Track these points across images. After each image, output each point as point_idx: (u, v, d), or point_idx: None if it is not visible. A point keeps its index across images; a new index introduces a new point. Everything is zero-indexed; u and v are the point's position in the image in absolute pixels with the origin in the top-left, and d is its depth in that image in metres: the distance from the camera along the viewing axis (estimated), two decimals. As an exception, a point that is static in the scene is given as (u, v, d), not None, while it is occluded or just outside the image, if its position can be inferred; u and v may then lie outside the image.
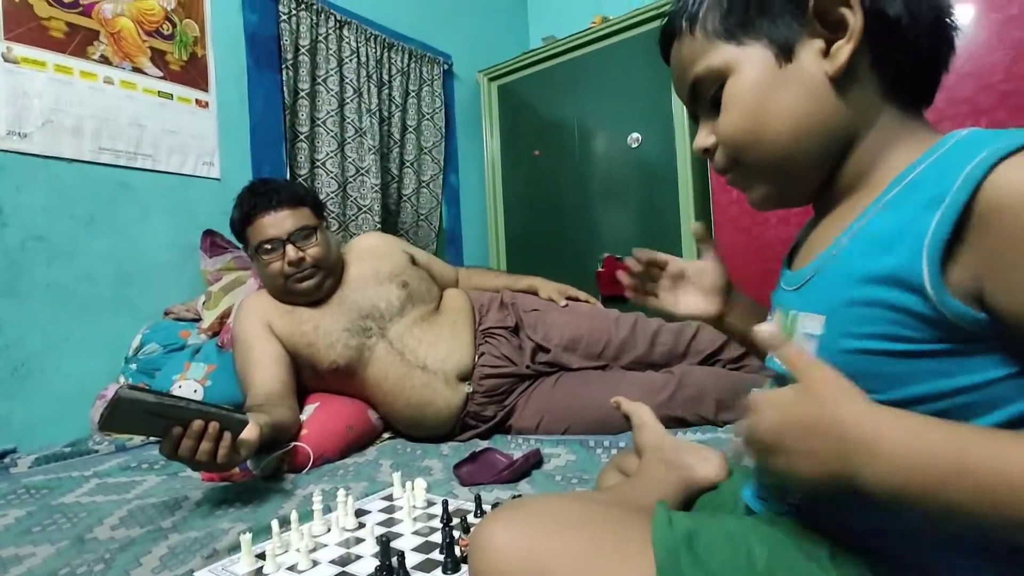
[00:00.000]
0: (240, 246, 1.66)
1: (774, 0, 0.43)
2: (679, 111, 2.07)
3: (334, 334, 1.22)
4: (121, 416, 0.74)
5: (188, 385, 1.27)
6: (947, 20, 0.43)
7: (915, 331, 0.36)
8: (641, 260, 0.67)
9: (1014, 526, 0.30)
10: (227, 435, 0.83)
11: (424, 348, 1.24)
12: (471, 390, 1.24)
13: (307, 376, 1.25)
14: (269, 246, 1.20)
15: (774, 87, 0.44)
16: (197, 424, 0.80)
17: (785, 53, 0.44)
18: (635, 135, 2.21)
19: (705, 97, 0.48)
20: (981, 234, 0.34)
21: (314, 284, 1.23)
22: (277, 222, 1.20)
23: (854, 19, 0.41)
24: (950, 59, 0.44)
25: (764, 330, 0.42)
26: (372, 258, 1.35)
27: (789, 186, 0.48)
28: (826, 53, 0.42)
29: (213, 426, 0.81)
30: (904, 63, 0.42)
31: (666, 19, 0.50)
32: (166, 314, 1.56)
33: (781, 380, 0.47)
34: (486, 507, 0.77)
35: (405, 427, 1.26)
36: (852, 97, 0.43)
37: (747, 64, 0.45)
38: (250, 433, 0.88)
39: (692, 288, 0.65)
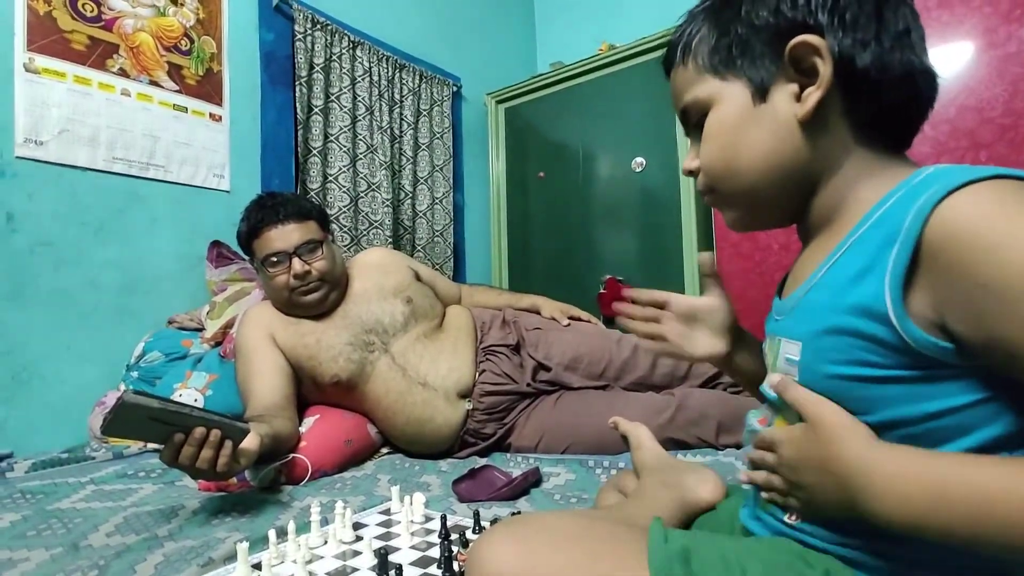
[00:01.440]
0: (246, 258, 1.68)
1: (755, 43, 0.46)
2: (682, 137, 2.10)
3: (336, 347, 1.23)
4: (124, 420, 0.75)
5: (189, 394, 1.27)
6: (921, 73, 0.44)
7: (884, 358, 0.39)
8: (641, 302, 0.65)
9: (995, 542, 0.32)
10: (228, 443, 0.83)
11: (425, 364, 1.25)
12: (471, 407, 1.24)
13: (308, 388, 1.25)
14: (275, 259, 1.21)
15: (747, 124, 0.47)
16: (199, 431, 0.80)
17: (760, 93, 0.46)
18: (639, 159, 2.24)
19: (692, 123, 0.52)
20: (931, 267, 0.36)
21: (319, 297, 1.24)
22: (284, 235, 1.21)
23: (824, 68, 0.43)
24: (927, 108, 0.46)
25: (774, 380, 0.46)
26: (377, 273, 1.35)
27: (758, 214, 0.51)
28: (799, 97, 0.45)
29: (215, 434, 0.82)
30: (875, 110, 0.45)
31: (668, 46, 0.54)
32: (169, 323, 1.57)
33: (773, 407, 0.49)
34: (484, 523, 0.77)
35: (404, 443, 1.26)
36: (820, 139, 0.45)
37: (727, 99, 0.48)
38: (250, 443, 0.88)
39: (703, 327, 0.62)
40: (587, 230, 2.40)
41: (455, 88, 2.57)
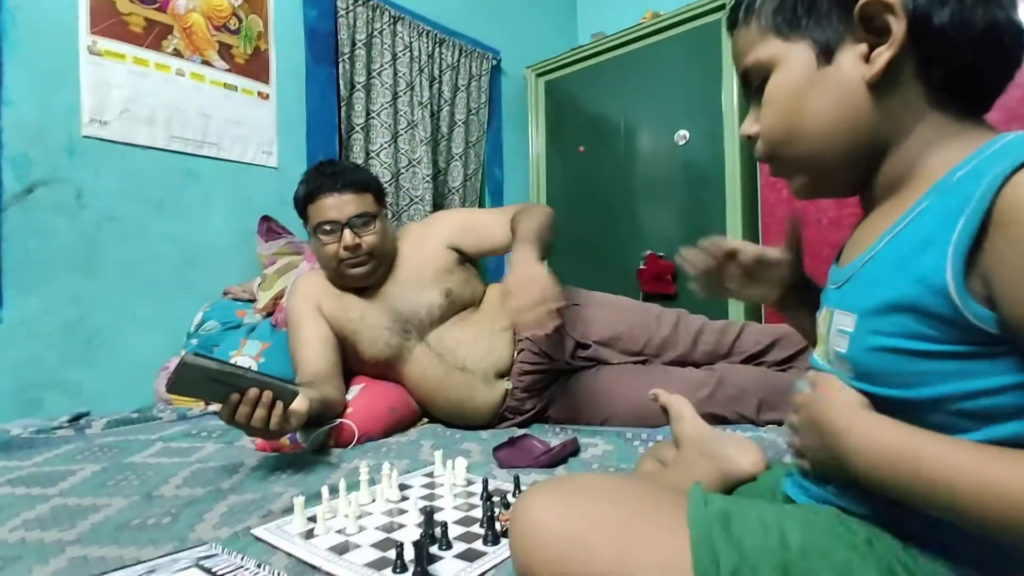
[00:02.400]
0: (293, 232, 1.74)
1: (823, 1, 0.44)
2: (729, 108, 2.03)
3: (377, 329, 1.25)
4: (186, 379, 0.81)
5: (243, 361, 1.35)
6: (1007, 29, 0.41)
7: (939, 332, 0.38)
8: (716, 254, 0.66)
9: (964, 514, 0.35)
10: (279, 404, 0.88)
11: (463, 349, 1.25)
12: (510, 386, 1.25)
13: (351, 360, 1.29)
14: (328, 227, 1.21)
15: (812, 87, 0.45)
16: (253, 392, 0.86)
17: (826, 54, 0.44)
18: (683, 132, 2.18)
19: (753, 86, 0.50)
20: (995, 241, 0.35)
21: (366, 271, 1.24)
22: (339, 205, 1.20)
23: (897, 26, 0.41)
24: (1013, 68, 0.43)
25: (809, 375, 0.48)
26: (418, 259, 1.31)
27: (822, 181, 0.50)
28: (868, 58, 0.43)
29: (267, 394, 0.87)
30: (952, 71, 0.42)
31: (732, 6, 0.52)
32: (224, 294, 1.65)
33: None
34: (524, 488, 0.79)
35: (444, 418, 1.29)
36: (889, 103, 0.43)
37: (790, 61, 0.46)
38: (300, 404, 0.92)
39: (762, 276, 0.64)
40: (628, 205, 2.36)
41: (494, 61, 2.55)
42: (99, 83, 1.48)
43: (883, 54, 0.42)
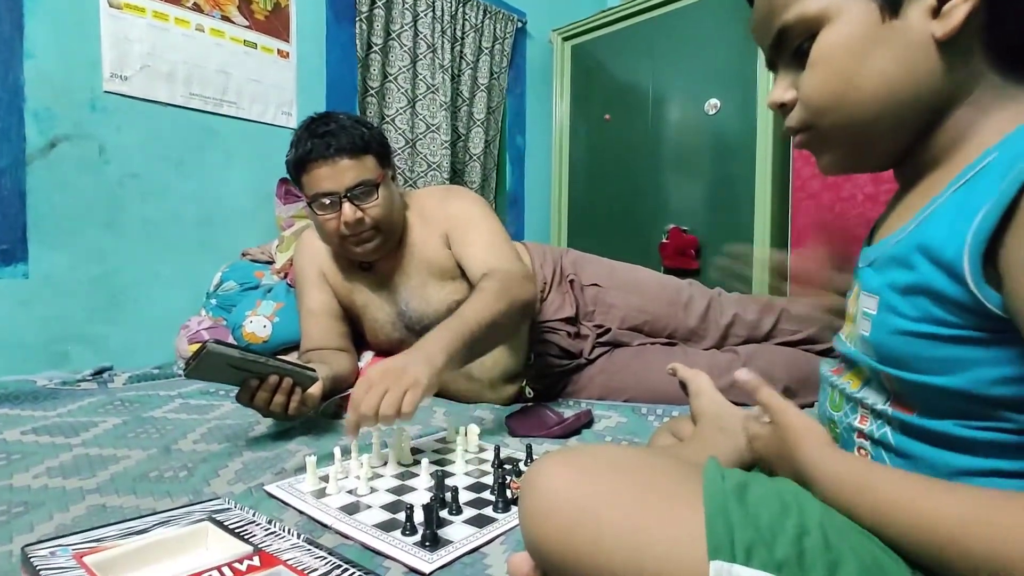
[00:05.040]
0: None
1: None
2: (764, 77, 1.94)
3: (379, 321, 1.18)
4: (207, 366, 0.81)
5: (258, 320, 1.36)
6: None
7: (958, 318, 0.36)
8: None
9: (910, 546, 0.35)
10: (298, 390, 0.89)
11: None
12: (529, 393, 1.18)
13: (360, 331, 1.24)
14: (325, 200, 1.04)
15: (872, 44, 0.40)
16: (273, 379, 0.86)
17: (892, 6, 0.40)
18: (713, 101, 2.10)
19: (791, 47, 0.45)
20: (1015, 232, 0.33)
21: (373, 247, 1.09)
22: (335, 174, 1.02)
23: None
24: None
25: (742, 375, 0.49)
26: (429, 249, 1.15)
27: (864, 154, 0.45)
28: (936, 12, 0.38)
29: (287, 382, 0.87)
30: (1020, 27, 0.38)
31: None
32: (243, 255, 1.66)
33: (846, 360, 0.47)
34: (536, 457, 0.78)
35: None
36: (954, 63, 0.39)
37: (846, 15, 0.41)
38: (316, 389, 0.93)
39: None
40: (653, 176, 2.30)
41: (520, 24, 2.47)
42: (119, 37, 1.47)
43: (960, 7, 0.37)
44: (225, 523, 0.56)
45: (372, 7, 1.95)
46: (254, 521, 0.57)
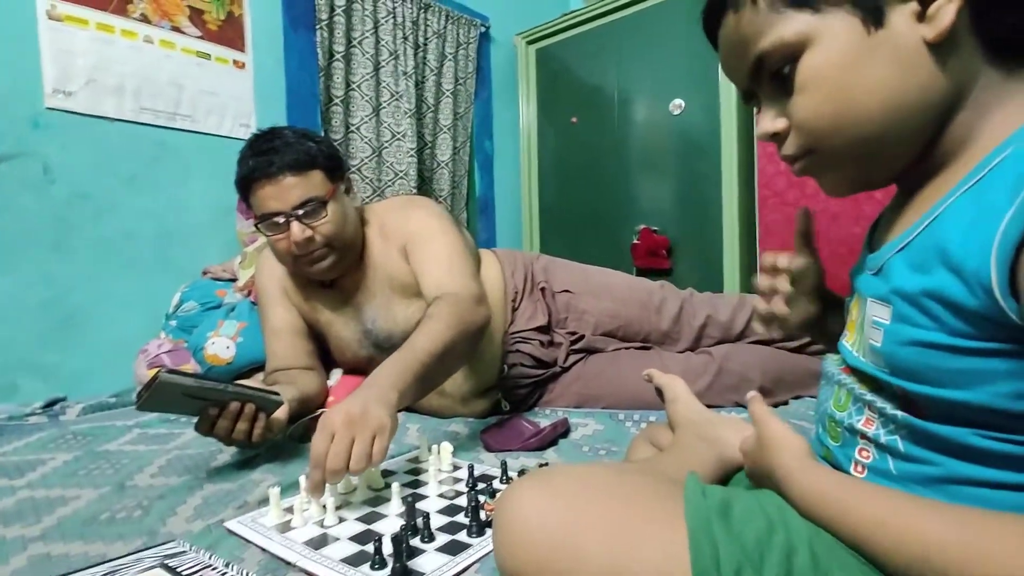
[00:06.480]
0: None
1: None
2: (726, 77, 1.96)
3: (345, 339, 1.15)
4: (160, 398, 0.76)
5: (220, 342, 1.30)
6: None
7: (978, 328, 0.34)
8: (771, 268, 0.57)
9: (892, 564, 0.34)
10: (262, 416, 0.85)
11: None
12: (505, 406, 1.16)
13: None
14: (273, 220, 1.00)
15: (864, 58, 0.39)
16: (234, 406, 0.82)
17: (875, 17, 0.38)
18: (678, 101, 2.11)
19: (769, 75, 0.43)
20: None
21: (327, 265, 1.05)
22: (280, 193, 0.98)
23: None
24: None
25: (755, 407, 0.49)
26: (390, 264, 1.12)
27: (872, 169, 0.43)
28: (921, 16, 0.38)
29: (249, 407, 0.83)
30: (1012, 19, 0.37)
31: None
32: (204, 274, 1.59)
33: (856, 373, 0.44)
34: (512, 474, 0.76)
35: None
36: (951, 64, 0.38)
37: (828, 34, 0.39)
38: (282, 413, 0.89)
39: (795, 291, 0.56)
40: (622, 178, 2.30)
41: (483, 28, 2.45)
42: (61, 51, 1.40)
43: (947, 7, 0.36)
44: (178, 569, 0.52)
45: (332, 14, 1.91)
46: (210, 565, 0.54)
